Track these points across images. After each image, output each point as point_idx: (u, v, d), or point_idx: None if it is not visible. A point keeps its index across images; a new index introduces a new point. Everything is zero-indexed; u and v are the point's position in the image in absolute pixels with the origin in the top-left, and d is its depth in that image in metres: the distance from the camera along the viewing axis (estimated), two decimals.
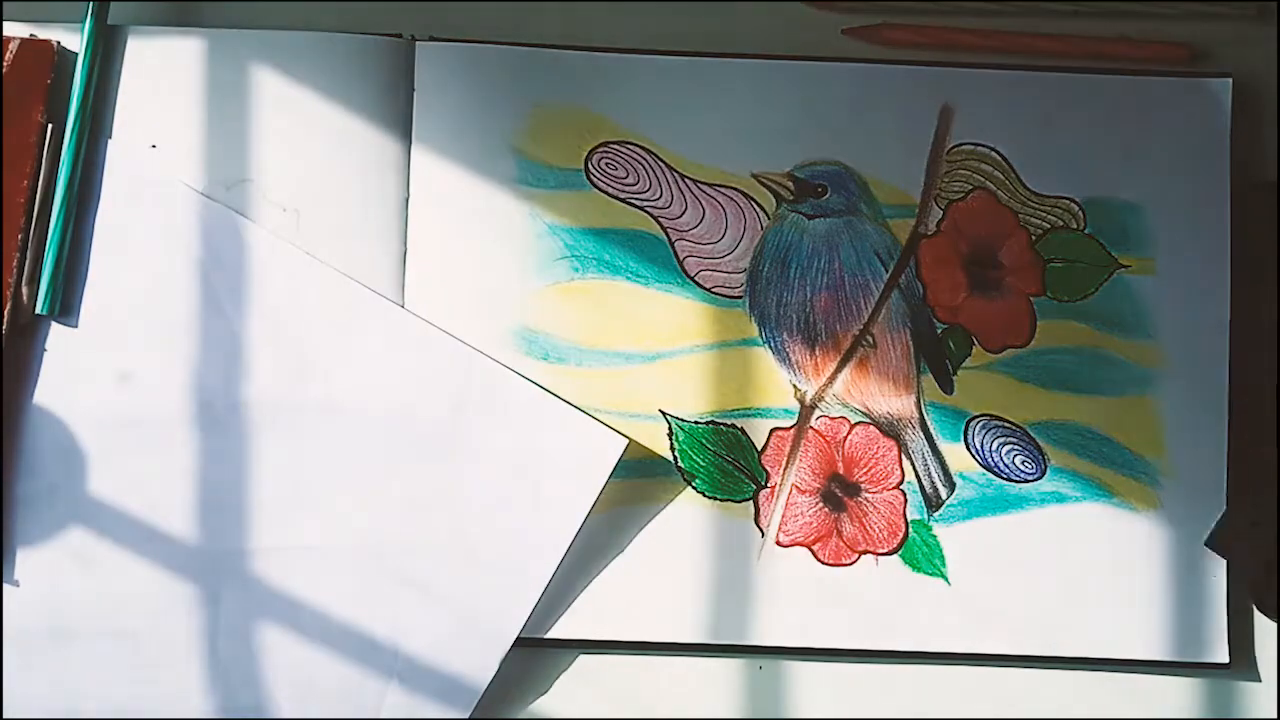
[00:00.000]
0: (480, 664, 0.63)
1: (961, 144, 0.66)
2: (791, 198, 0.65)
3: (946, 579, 0.64)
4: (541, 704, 0.64)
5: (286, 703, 0.63)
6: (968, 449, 0.65)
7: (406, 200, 0.65)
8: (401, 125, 0.65)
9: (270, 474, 0.63)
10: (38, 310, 0.62)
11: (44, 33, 0.64)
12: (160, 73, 0.64)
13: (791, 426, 0.65)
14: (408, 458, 0.63)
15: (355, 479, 0.63)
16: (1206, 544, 0.63)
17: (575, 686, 0.64)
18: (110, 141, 0.64)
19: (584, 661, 0.64)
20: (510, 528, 0.63)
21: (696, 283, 0.65)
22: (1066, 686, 0.64)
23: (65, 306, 0.63)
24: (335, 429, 0.63)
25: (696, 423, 0.65)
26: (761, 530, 0.64)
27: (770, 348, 0.65)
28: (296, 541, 0.63)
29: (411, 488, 0.63)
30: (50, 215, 0.62)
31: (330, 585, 0.63)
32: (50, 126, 0.63)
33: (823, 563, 0.64)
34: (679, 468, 0.64)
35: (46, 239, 0.62)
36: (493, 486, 0.63)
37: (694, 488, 0.64)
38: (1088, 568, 0.64)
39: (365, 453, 0.63)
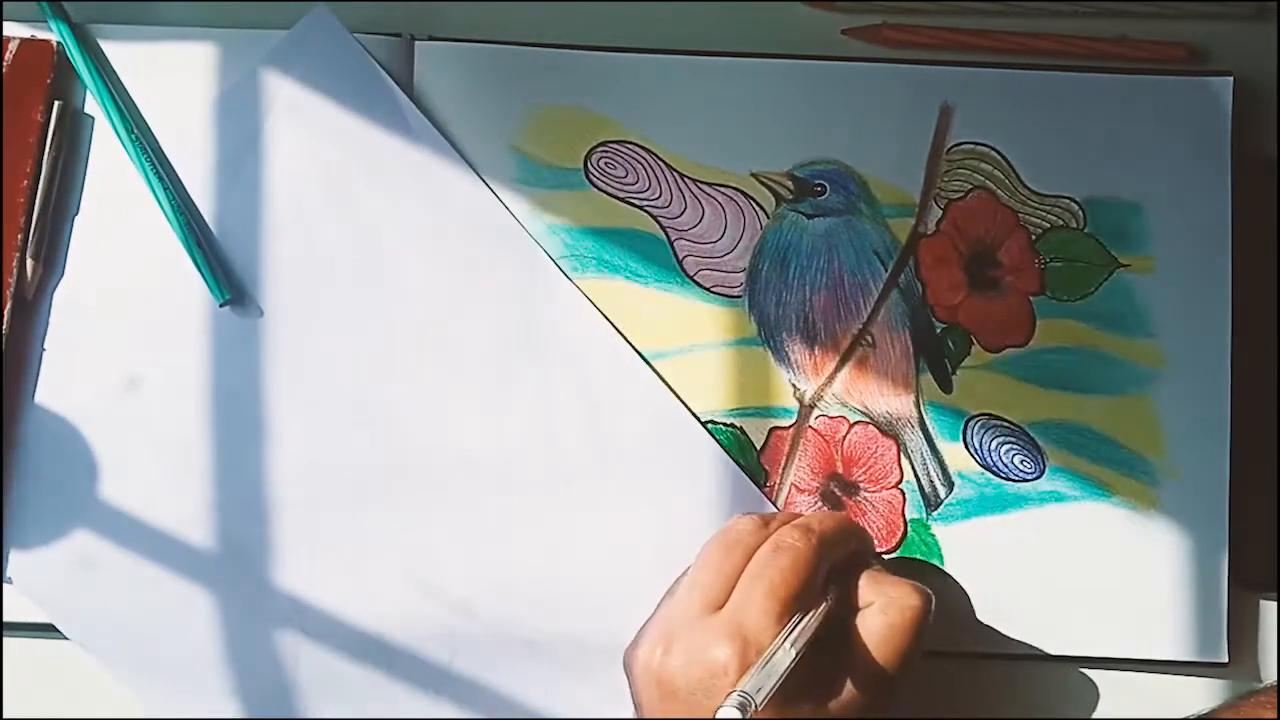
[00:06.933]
0: None
1: (961, 143, 0.66)
2: (791, 197, 0.65)
3: None
4: None
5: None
6: (966, 448, 0.64)
7: None
8: None
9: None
10: (218, 303, 0.63)
11: (44, 32, 0.64)
12: (163, 74, 0.65)
13: (790, 426, 0.65)
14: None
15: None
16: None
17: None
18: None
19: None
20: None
21: (696, 282, 0.65)
22: (1065, 686, 0.64)
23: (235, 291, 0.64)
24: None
25: None
26: None
27: (769, 347, 0.65)
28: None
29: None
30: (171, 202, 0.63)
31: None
32: (58, 105, 0.63)
33: None
34: None
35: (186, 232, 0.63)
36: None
37: None
38: (1087, 567, 0.64)
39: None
